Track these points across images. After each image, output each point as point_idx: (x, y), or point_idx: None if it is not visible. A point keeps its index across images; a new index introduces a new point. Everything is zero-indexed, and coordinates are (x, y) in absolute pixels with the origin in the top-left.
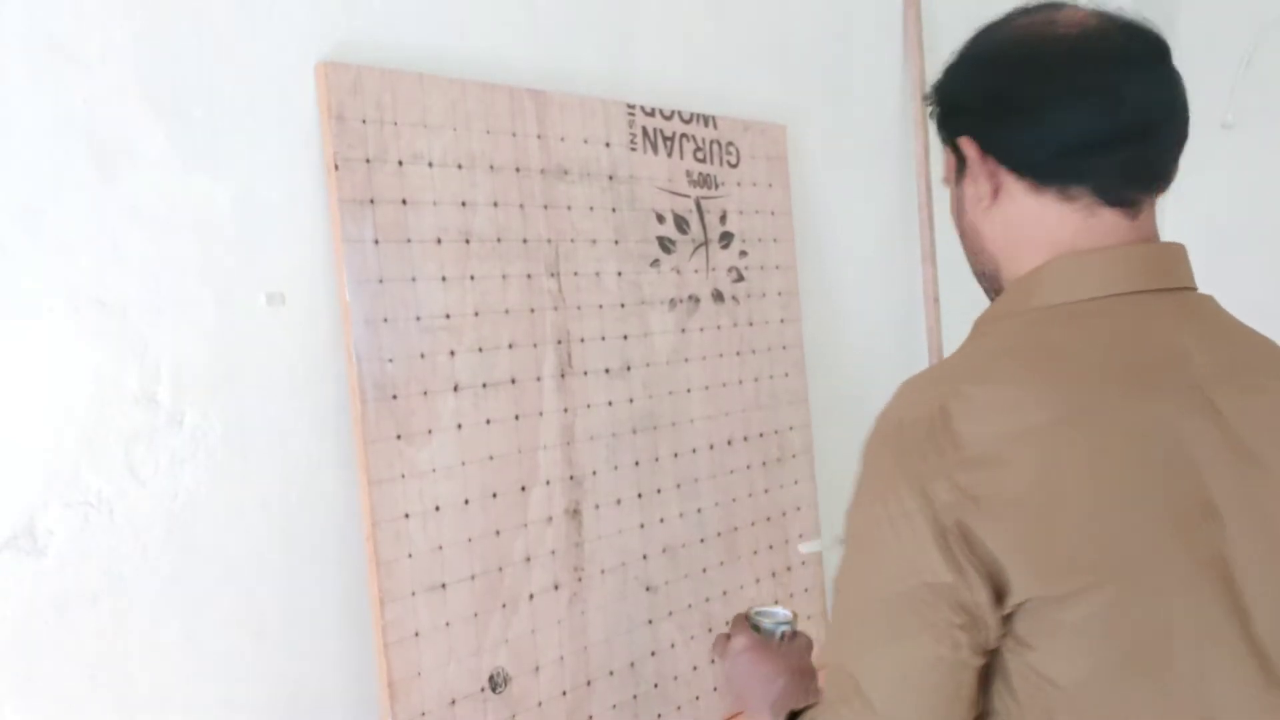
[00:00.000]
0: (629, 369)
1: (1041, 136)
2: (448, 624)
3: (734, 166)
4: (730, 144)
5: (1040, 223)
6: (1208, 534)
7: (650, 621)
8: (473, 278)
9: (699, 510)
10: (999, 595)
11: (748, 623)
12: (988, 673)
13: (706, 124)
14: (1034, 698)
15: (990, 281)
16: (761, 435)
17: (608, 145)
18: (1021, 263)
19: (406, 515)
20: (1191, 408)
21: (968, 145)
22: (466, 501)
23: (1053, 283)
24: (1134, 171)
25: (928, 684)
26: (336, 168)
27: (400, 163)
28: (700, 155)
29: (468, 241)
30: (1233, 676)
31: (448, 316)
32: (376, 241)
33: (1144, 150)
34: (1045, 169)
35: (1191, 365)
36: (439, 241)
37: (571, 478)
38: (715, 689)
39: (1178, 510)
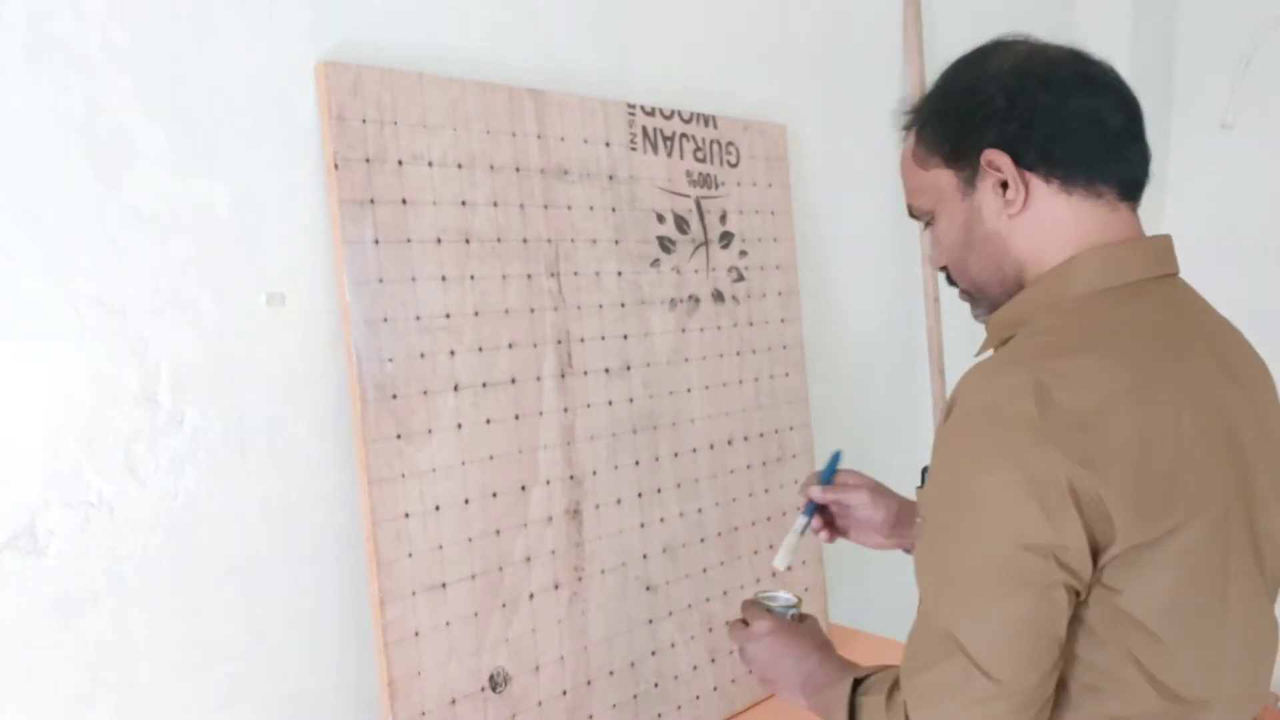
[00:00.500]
0: (629, 369)
1: (1085, 137)
2: (448, 623)
3: (734, 166)
4: (730, 144)
5: (1067, 221)
6: (1246, 480)
7: (650, 621)
8: (473, 278)
9: (699, 510)
10: (1096, 549)
11: (759, 607)
12: (1071, 620)
13: (706, 124)
14: (1116, 637)
15: (1007, 285)
16: (761, 435)
17: (608, 145)
18: (1046, 260)
19: (406, 515)
20: (1221, 372)
21: (998, 156)
22: (466, 501)
23: (1086, 273)
24: (1146, 163)
25: (1028, 637)
26: (336, 168)
27: (400, 163)
28: (700, 155)
29: (468, 241)
30: (1257, 606)
31: (448, 316)
32: (376, 241)
33: (1145, 144)
34: (1085, 168)
35: (1210, 337)
36: (439, 241)
37: (571, 477)
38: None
39: (1229, 458)
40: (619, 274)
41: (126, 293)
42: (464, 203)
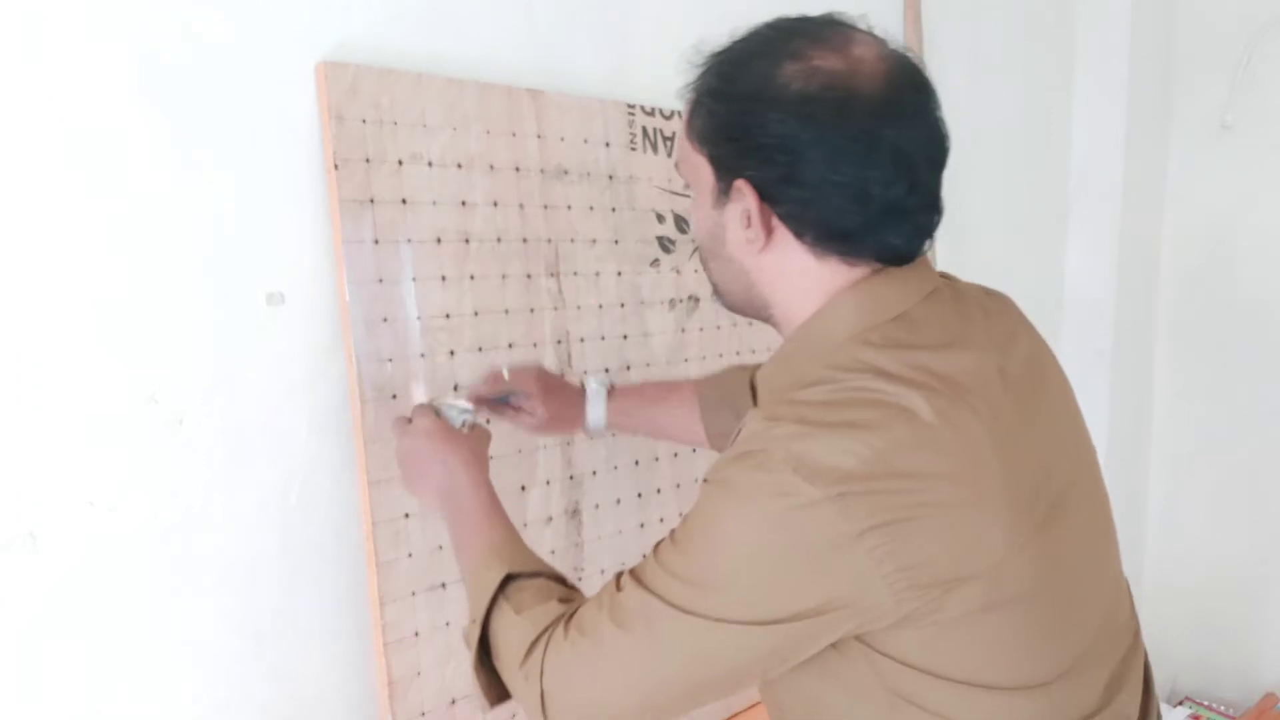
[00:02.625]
0: (628, 369)
1: (845, 211)
2: (447, 624)
3: None
4: None
5: (818, 277)
6: (1058, 490)
7: None
8: (472, 278)
9: None
10: (875, 617)
11: (432, 410)
12: (879, 695)
13: None
14: (923, 703)
15: (754, 309)
16: None
17: (607, 145)
18: (794, 307)
19: (406, 515)
20: (1008, 374)
21: (746, 191)
22: None
23: (843, 319)
24: (921, 235)
25: (708, 669)
26: (336, 168)
27: (400, 163)
28: None
29: (467, 241)
30: (1101, 605)
31: (447, 316)
32: (376, 241)
33: (926, 215)
34: (839, 239)
35: (993, 334)
36: (439, 241)
37: (571, 478)
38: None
39: (1052, 458)
40: (618, 274)
41: (126, 292)
42: (463, 203)
